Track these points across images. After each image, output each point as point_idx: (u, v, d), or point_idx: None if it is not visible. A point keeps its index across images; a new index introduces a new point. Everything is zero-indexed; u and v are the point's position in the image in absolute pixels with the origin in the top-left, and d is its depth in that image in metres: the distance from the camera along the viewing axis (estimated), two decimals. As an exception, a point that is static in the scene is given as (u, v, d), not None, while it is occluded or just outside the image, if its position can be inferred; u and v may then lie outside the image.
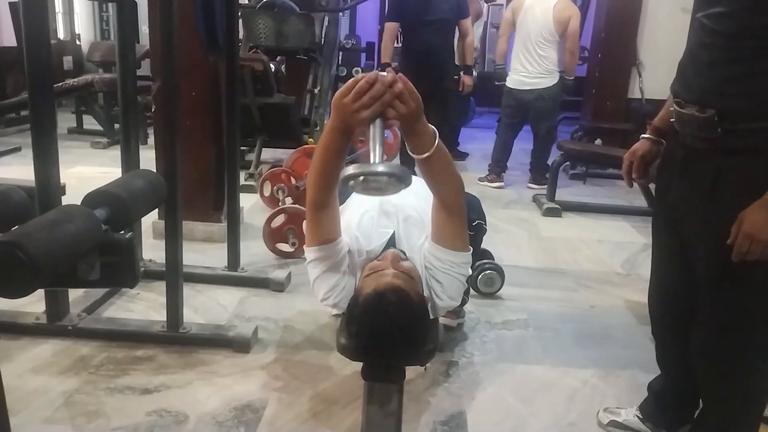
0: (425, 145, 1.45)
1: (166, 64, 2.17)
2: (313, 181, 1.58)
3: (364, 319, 1.49)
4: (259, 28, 5.06)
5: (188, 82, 3.04)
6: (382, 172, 1.27)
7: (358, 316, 1.51)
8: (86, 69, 7.88)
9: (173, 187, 2.16)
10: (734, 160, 1.37)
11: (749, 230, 1.28)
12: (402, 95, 1.34)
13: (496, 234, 3.56)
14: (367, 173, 1.29)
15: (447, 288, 1.67)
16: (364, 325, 1.50)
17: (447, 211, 1.61)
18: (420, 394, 2.06)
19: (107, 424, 1.82)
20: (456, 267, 1.65)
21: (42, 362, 2.12)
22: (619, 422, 1.90)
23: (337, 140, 1.48)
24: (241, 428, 1.83)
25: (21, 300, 2.31)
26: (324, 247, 1.63)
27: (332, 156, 1.51)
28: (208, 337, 2.28)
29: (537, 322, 2.63)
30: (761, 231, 1.25)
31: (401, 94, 1.34)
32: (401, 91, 1.34)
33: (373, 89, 1.33)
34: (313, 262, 1.66)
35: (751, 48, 1.32)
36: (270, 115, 4.67)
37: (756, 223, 1.27)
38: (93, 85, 5.75)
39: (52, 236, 1.29)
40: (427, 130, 1.45)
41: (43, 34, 1.88)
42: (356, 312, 1.53)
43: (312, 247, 1.65)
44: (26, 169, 2.08)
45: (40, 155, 1.97)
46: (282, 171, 3.89)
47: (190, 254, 2.83)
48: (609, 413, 1.94)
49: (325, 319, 2.53)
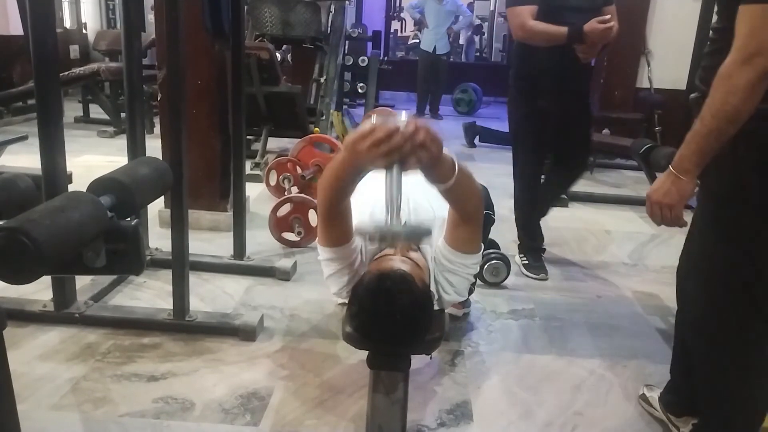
0: (445, 176, 1.41)
1: (172, 53, 2.16)
2: (324, 201, 1.55)
3: (365, 299, 1.47)
4: (265, 17, 5.04)
5: (194, 70, 3.03)
6: (399, 233, 1.21)
7: (359, 295, 1.49)
8: (92, 58, 7.90)
9: (179, 176, 2.16)
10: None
11: (653, 197, 1.44)
12: (424, 144, 1.24)
13: (503, 224, 3.54)
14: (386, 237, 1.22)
15: (455, 285, 1.69)
16: (364, 304, 1.47)
17: (465, 222, 1.61)
18: (426, 382, 2.06)
19: (114, 410, 1.82)
20: (466, 268, 1.67)
21: (49, 349, 2.13)
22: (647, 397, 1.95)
23: (350, 177, 1.44)
24: (247, 416, 1.84)
25: (28, 288, 2.34)
26: (337, 249, 1.63)
27: (343, 189, 1.49)
28: (215, 325, 2.29)
29: (543, 312, 2.62)
30: (663, 196, 1.40)
31: (423, 143, 1.24)
32: (423, 141, 1.24)
33: (392, 141, 1.22)
34: (326, 261, 1.67)
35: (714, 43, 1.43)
36: (276, 104, 4.66)
37: (658, 190, 1.42)
38: (99, 74, 5.75)
39: (58, 222, 1.29)
40: (446, 162, 1.38)
41: (49, 22, 1.88)
42: (358, 291, 1.51)
43: (325, 247, 1.65)
44: (33, 158, 2.08)
45: (47, 144, 1.97)
46: (288, 160, 3.89)
47: (196, 243, 2.84)
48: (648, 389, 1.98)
49: (331, 308, 2.53)
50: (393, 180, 1.25)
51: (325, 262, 1.67)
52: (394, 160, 1.24)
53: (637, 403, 1.99)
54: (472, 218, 1.61)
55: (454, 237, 1.63)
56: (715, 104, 1.29)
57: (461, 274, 1.67)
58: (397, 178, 1.25)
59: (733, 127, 1.30)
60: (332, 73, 5.32)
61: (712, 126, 1.31)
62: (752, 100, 1.27)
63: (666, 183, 1.42)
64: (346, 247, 1.62)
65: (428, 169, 1.36)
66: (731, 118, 1.28)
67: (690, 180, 1.39)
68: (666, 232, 3.81)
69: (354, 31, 7.33)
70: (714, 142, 1.32)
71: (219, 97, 3.20)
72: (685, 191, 1.40)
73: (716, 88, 1.29)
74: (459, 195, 1.51)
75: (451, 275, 1.67)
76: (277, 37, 5.16)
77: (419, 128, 1.24)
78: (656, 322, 2.59)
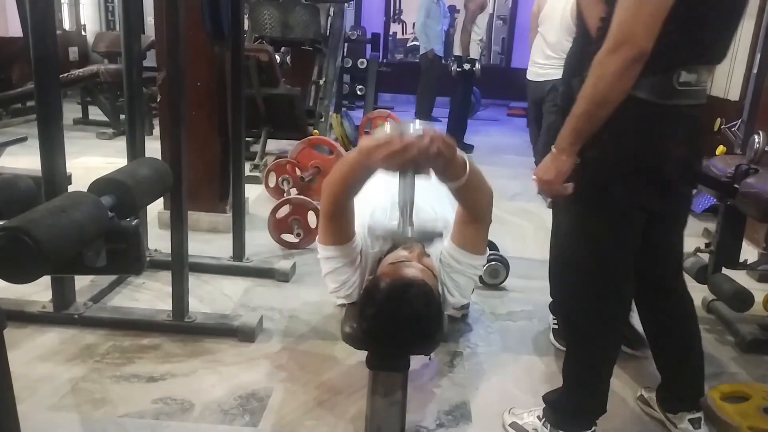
0: (458, 175, 1.45)
1: (172, 55, 2.17)
2: (329, 198, 1.57)
3: (386, 304, 1.47)
4: (264, 19, 5.05)
5: (193, 72, 3.04)
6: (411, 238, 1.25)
7: (379, 300, 1.49)
8: (92, 60, 7.90)
9: (179, 177, 2.16)
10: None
11: (537, 174, 1.52)
12: (440, 154, 1.30)
13: (502, 226, 3.56)
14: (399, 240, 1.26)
15: (461, 286, 1.70)
16: (384, 309, 1.48)
17: (474, 220, 1.62)
18: (424, 383, 2.06)
19: (113, 411, 1.83)
20: (472, 269, 1.68)
21: (48, 350, 2.13)
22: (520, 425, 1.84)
23: (360, 176, 1.47)
24: (246, 416, 1.84)
25: (27, 288, 2.34)
26: (338, 247, 1.64)
27: (351, 188, 1.51)
28: (214, 326, 2.29)
29: (541, 314, 2.62)
30: (544, 173, 1.48)
31: (439, 153, 1.30)
32: (439, 152, 1.30)
33: (407, 153, 1.27)
34: (325, 259, 1.67)
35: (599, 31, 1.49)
36: (275, 106, 4.66)
37: (541, 168, 1.51)
38: (98, 76, 5.76)
39: (59, 222, 1.30)
40: (457, 161, 1.42)
41: (48, 24, 1.88)
42: (378, 296, 1.50)
43: (325, 245, 1.65)
44: (33, 159, 2.09)
45: (47, 145, 1.98)
46: (287, 162, 3.89)
47: (195, 244, 2.83)
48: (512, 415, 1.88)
49: (329, 309, 2.53)
50: (406, 185, 1.29)
51: (324, 260, 1.67)
52: (408, 167, 1.29)
53: (636, 404, 2.00)
54: (482, 217, 1.62)
55: (462, 236, 1.64)
56: (587, 88, 1.37)
57: (468, 275, 1.68)
58: (410, 183, 1.30)
59: (603, 111, 1.37)
60: (331, 75, 5.33)
61: (584, 108, 1.38)
62: (620, 86, 1.34)
63: (547, 161, 1.49)
64: (347, 246, 1.63)
65: (441, 170, 1.41)
66: (599, 101, 1.36)
67: (567, 158, 1.45)
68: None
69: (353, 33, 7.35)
70: (586, 123, 1.39)
71: (218, 99, 3.21)
72: (562, 168, 1.46)
73: (590, 74, 1.37)
74: (470, 193, 1.54)
75: (458, 275, 1.67)
76: (277, 39, 5.17)
77: (434, 139, 1.29)
78: (654, 324, 2.60)
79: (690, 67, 1.43)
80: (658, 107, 1.44)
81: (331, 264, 1.66)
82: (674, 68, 1.42)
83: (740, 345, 2.40)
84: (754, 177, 2.35)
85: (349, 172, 1.47)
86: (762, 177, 2.34)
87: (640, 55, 1.30)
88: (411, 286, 1.49)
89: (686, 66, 1.42)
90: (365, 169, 1.42)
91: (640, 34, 1.29)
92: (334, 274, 1.67)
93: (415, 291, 1.48)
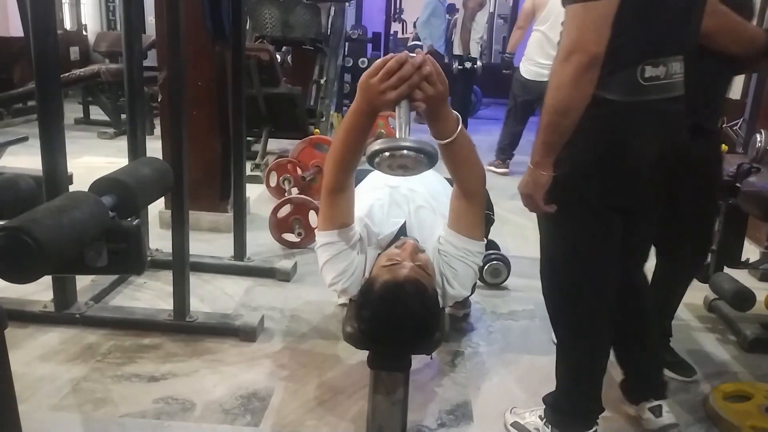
0: (449, 130, 1.45)
1: (173, 54, 2.17)
2: (333, 163, 1.56)
3: (379, 306, 1.50)
4: (265, 18, 5.05)
5: (194, 71, 3.04)
6: (410, 146, 1.25)
7: (373, 302, 1.51)
8: (93, 59, 7.90)
9: (180, 177, 2.16)
10: None
11: (519, 188, 1.54)
12: (430, 77, 1.33)
13: (503, 225, 3.56)
14: (395, 148, 1.26)
15: (460, 275, 1.66)
16: (379, 312, 1.50)
17: (467, 198, 1.61)
18: (426, 383, 2.06)
19: (114, 411, 1.83)
20: (471, 255, 1.65)
21: (49, 350, 2.13)
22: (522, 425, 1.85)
23: (362, 121, 1.46)
24: (247, 416, 1.84)
25: (29, 288, 2.34)
26: (337, 231, 1.60)
27: (355, 138, 1.50)
28: (215, 325, 2.29)
29: (543, 313, 2.59)
30: (524, 187, 1.51)
31: (429, 75, 1.33)
32: (430, 73, 1.33)
33: (402, 70, 1.31)
34: (323, 246, 1.62)
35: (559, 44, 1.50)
36: (276, 106, 4.66)
37: (521, 182, 1.53)
38: (99, 76, 5.75)
39: (60, 222, 1.29)
40: (450, 115, 1.45)
41: (49, 24, 1.88)
42: (372, 298, 1.52)
43: (325, 231, 1.62)
44: (34, 159, 2.09)
45: (48, 145, 1.98)
46: (288, 161, 3.89)
47: (196, 244, 2.83)
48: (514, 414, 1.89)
49: (331, 309, 2.53)
50: (402, 114, 1.32)
51: (322, 248, 1.62)
52: (403, 93, 1.32)
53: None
54: (474, 194, 1.61)
55: (458, 220, 1.64)
56: (548, 100, 1.38)
57: (466, 261, 1.65)
58: (405, 112, 1.33)
59: (567, 119, 1.37)
60: (332, 74, 5.33)
61: (548, 120, 1.39)
62: (578, 94, 1.35)
63: (526, 175, 1.51)
64: (346, 231, 1.61)
65: (433, 112, 1.41)
66: (560, 110, 1.37)
67: (543, 170, 1.45)
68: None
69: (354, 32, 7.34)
70: (553, 134, 1.40)
71: (219, 99, 3.21)
72: (539, 182, 1.47)
73: (548, 85, 1.38)
74: (460, 157, 1.53)
75: (456, 262, 1.64)
76: (278, 38, 5.17)
77: (427, 60, 1.33)
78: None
79: (654, 62, 1.43)
80: (626, 105, 1.43)
81: (329, 251, 1.61)
82: (637, 64, 1.42)
83: (742, 344, 2.40)
84: (756, 176, 2.35)
85: (351, 123, 1.47)
86: (764, 176, 2.33)
87: (592, 60, 1.30)
88: (403, 287, 1.48)
89: (649, 60, 1.42)
90: (366, 114, 1.43)
91: (590, 40, 1.30)
92: (332, 261, 1.62)
93: (408, 291, 1.48)
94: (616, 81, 1.42)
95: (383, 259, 1.62)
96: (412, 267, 1.55)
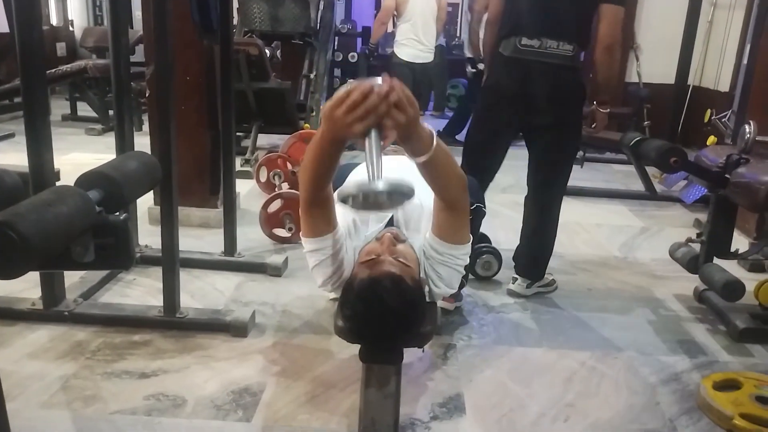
0: (424, 148, 1.39)
1: (160, 48, 2.14)
2: (305, 184, 1.54)
3: (358, 305, 1.51)
4: (254, 12, 5.02)
5: (182, 66, 3.02)
6: (383, 190, 1.15)
7: (352, 301, 1.53)
8: (80, 55, 7.84)
9: (168, 172, 2.14)
10: None
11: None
12: (400, 103, 1.23)
13: (494, 218, 3.56)
14: (368, 193, 1.16)
15: (445, 278, 1.68)
16: (358, 310, 1.52)
17: (449, 208, 1.59)
18: (418, 376, 2.06)
19: (105, 408, 1.81)
20: (455, 259, 1.66)
21: (38, 348, 2.11)
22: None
23: (329, 151, 1.40)
24: (239, 412, 1.83)
25: (17, 286, 2.32)
26: (320, 239, 1.61)
27: (324, 165, 1.46)
28: (206, 321, 2.27)
29: (534, 305, 2.63)
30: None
31: (399, 102, 1.23)
32: (399, 100, 1.23)
33: (368, 102, 1.21)
34: (310, 252, 1.65)
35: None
36: (266, 101, 4.64)
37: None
38: (86, 71, 5.70)
39: (45, 217, 1.28)
40: (424, 132, 1.37)
41: (34, 19, 1.85)
42: (350, 297, 1.54)
43: (308, 238, 1.63)
44: (20, 156, 2.06)
45: (34, 140, 1.95)
46: (278, 156, 3.87)
47: (186, 240, 2.82)
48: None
49: (322, 304, 2.52)
50: (372, 146, 1.22)
51: (309, 254, 1.65)
52: (371, 124, 1.22)
53: (630, 396, 2.00)
54: (455, 204, 1.58)
55: (440, 225, 1.62)
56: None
57: (451, 266, 1.65)
58: (375, 144, 1.22)
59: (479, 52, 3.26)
60: (322, 69, 5.31)
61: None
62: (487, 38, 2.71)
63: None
64: (330, 237, 1.60)
65: (406, 136, 1.33)
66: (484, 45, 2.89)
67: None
68: (656, 225, 3.84)
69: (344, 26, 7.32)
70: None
71: (208, 93, 3.18)
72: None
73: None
74: (438, 172, 1.48)
75: (441, 267, 1.66)
76: (267, 32, 5.14)
77: (394, 87, 1.23)
78: (647, 314, 2.61)
79: (528, 35, 2.35)
80: (508, 58, 2.42)
81: (316, 257, 1.63)
82: (515, 35, 2.38)
83: (732, 334, 2.41)
84: (745, 167, 2.36)
85: (318, 151, 1.42)
86: (753, 167, 2.34)
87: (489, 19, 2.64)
88: (380, 283, 1.48)
89: (524, 34, 2.36)
90: (333, 140, 1.36)
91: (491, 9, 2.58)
92: (320, 266, 1.64)
93: (386, 286, 1.47)
94: (504, 43, 2.44)
95: (362, 255, 1.62)
96: (390, 261, 1.55)
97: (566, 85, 2.42)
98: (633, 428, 1.85)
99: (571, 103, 2.46)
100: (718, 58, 5.90)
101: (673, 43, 5.37)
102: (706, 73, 6.08)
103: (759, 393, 1.93)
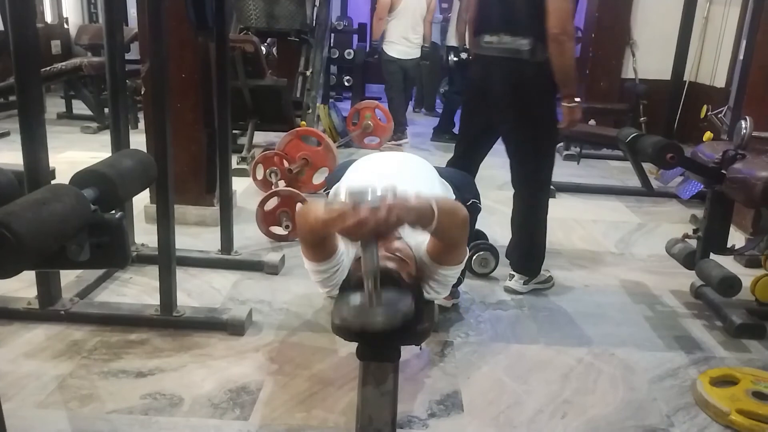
0: (426, 225, 1.40)
1: (155, 45, 2.13)
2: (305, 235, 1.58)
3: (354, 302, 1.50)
4: (249, 10, 4.99)
5: (178, 63, 3.01)
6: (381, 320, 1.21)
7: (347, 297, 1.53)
8: (74, 53, 7.79)
9: (164, 170, 2.13)
10: None
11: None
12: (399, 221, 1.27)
13: (491, 215, 3.56)
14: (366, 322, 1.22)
15: (438, 289, 1.72)
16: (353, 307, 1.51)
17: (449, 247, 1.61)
18: (415, 373, 2.06)
19: (101, 407, 1.81)
20: (449, 278, 1.69)
21: (34, 347, 2.10)
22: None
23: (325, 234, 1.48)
24: (236, 410, 1.83)
25: (12, 285, 2.31)
26: (322, 263, 1.64)
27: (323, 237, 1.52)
28: (202, 320, 2.27)
29: (531, 302, 2.63)
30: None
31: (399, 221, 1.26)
32: (399, 219, 1.26)
33: (363, 227, 1.23)
34: (312, 272, 1.69)
35: None
36: (262, 98, 4.62)
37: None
38: (81, 69, 5.66)
39: (39, 215, 1.27)
40: (423, 214, 1.37)
41: (28, 16, 1.84)
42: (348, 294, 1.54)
43: (309, 261, 1.66)
44: (15, 155, 2.05)
45: (28, 139, 1.94)
46: (274, 154, 3.86)
47: (182, 238, 2.81)
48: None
49: (319, 301, 2.52)
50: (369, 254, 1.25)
51: (313, 273, 1.68)
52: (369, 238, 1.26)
53: (627, 393, 2.00)
54: (457, 244, 1.61)
55: (438, 256, 1.64)
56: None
57: (445, 282, 1.70)
58: (373, 252, 1.25)
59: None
60: (318, 66, 5.29)
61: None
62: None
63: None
64: (334, 258, 1.63)
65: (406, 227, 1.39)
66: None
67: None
68: (652, 221, 3.85)
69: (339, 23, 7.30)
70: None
71: (204, 91, 3.17)
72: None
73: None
74: (442, 234, 1.51)
75: (435, 283, 1.70)
76: (262, 30, 5.12)
77: (392, 208, 1.24)
78: (643, 310, 2.61)
79: (490, 32, 2.48)
80: (475, 55, 2.64)
81: (318, 276, 1.67)
82: (480, 34, 2.54)
83: (728, 330, 2.42)
84: (741, 162, 2.36)
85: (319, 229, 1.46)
86: (749, 162, 2.35)
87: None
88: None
89: (486, 32, 2.50)
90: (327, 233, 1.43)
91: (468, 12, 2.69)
92: (323, 282, 1.69)
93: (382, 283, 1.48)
94: (472, 41, 2.64)
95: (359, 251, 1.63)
96: (386, 256, 1.56)
97: (526, 79, 2.43)
98: (630, 424, 1.86)
99: (533, 96, 2.46)
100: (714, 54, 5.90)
101: (669, 39, 5.37)
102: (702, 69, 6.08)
103: (755, 389, 1.93)
